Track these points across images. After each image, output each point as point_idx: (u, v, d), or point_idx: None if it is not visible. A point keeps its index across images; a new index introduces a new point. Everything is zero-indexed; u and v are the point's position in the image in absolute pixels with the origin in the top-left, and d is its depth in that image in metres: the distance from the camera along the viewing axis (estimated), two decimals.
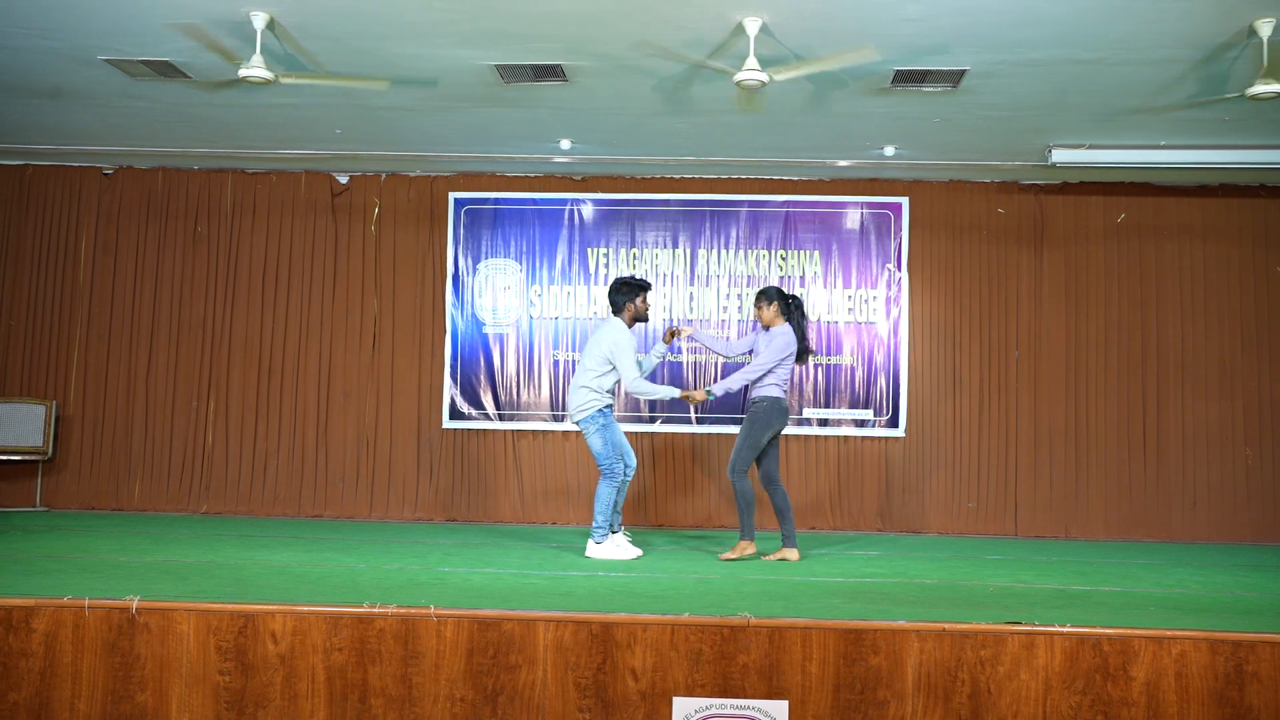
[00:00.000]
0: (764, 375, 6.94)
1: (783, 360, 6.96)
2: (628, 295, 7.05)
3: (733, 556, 6.92)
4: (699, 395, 7.05)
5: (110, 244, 9.76)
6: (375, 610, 4.50)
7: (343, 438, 9.60)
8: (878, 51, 6.55)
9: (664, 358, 7.26)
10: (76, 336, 9.69)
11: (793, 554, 6.98)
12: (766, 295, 7.10)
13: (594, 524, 6.97)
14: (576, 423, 7.02)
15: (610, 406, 7.01)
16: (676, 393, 7.03)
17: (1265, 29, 6.07)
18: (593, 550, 6.95)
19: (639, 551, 7.04)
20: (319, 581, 5.66)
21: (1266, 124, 7.77)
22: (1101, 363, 9.38)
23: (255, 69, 6.45)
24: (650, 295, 7.25)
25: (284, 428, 9.62)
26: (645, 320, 7.18)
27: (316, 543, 7.53)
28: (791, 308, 7.10)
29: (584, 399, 6.95)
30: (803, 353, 7.09)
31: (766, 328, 7.11)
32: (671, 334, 7.23)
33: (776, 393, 6.96)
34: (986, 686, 4.40)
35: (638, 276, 7.26)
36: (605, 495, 6.93)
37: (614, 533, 7.05)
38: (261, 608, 4.53)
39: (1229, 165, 8.43)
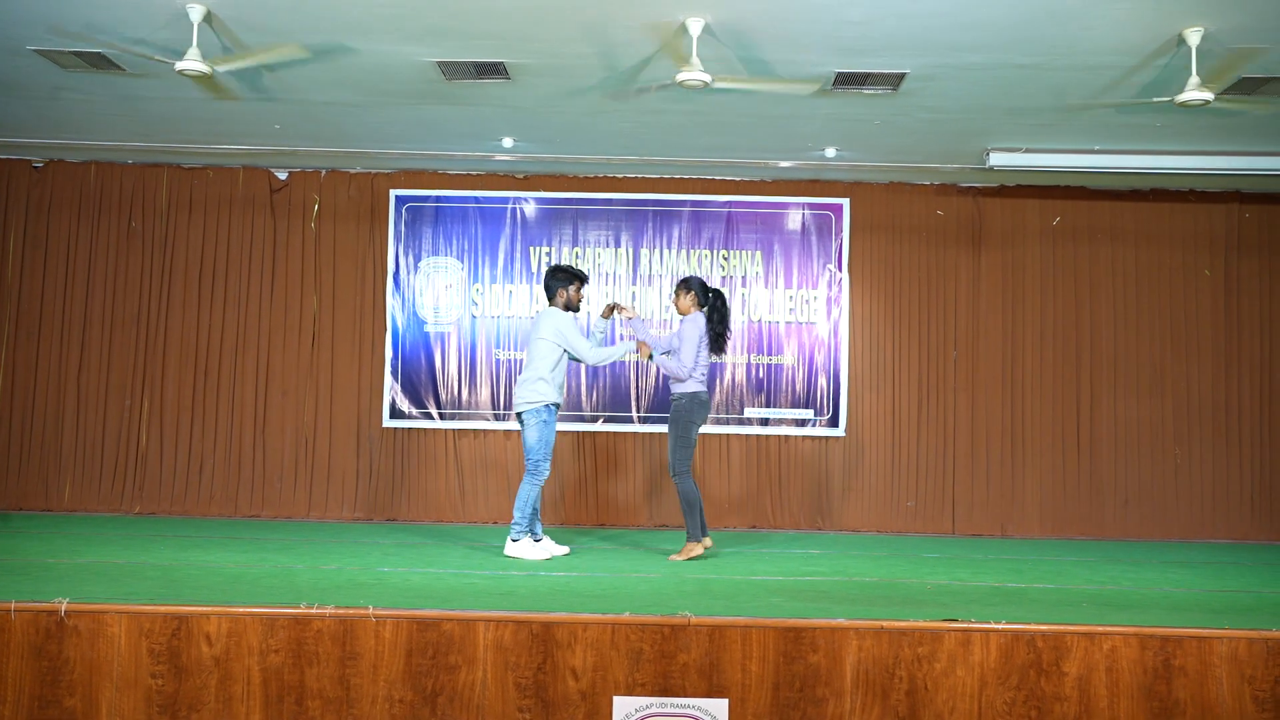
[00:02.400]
0: (678, 362, 6.94)
1: (690, 346, 6.95)
2: (562, 282, 7.08)
3: (681, 558, 6.91)
4: (646, 350, 7.09)
5: (40, 239, 9.54)
6: (313, 611, 4.45)
7: (281, 437, 9.48)
8: (818, 82, 6.63)
9: (605, 332, 7.28)
10: (4, 333, 9.46)
11: (698, 548, 6.96)
12: (686, 284, 7.17)
13: (513, 521, 6.92)
14: (519, 414, 6.92)
15: (557, 405, 6.96)
16: (633, 345, 7.12)
17: (1194, 38, 6.20)
18: (509, 549, 6.89)
19: (554, 552, 6.98)
20: (255, 582, 5.58)
21: (1195, 130, 7.95)
22: (1037, 363, 9.54)
23: (192, 62, 6.34)
24: (585, 289, 7.20)
25: (220, 426, 9.47)
26: (575, 311, 7.14)
27: (253, 543, 7.43)
28: (713, 300, 7.12)
29: (537, 391, 6.86)
30: (718, 341, 7.08)
31: (682, 317, 7.18)
32: (610, 309, 7.15)
33: (696, 387, 6.99)
34: (923, 683, 4.45)
35: (576, 267, 7.23)
36: (525, 493, 6.90)
37: (535, 538, 7.03)
38: (196, 609, 4.47)
39: (1160, 170, 8.60)
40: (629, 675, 4.42)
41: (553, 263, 9.49)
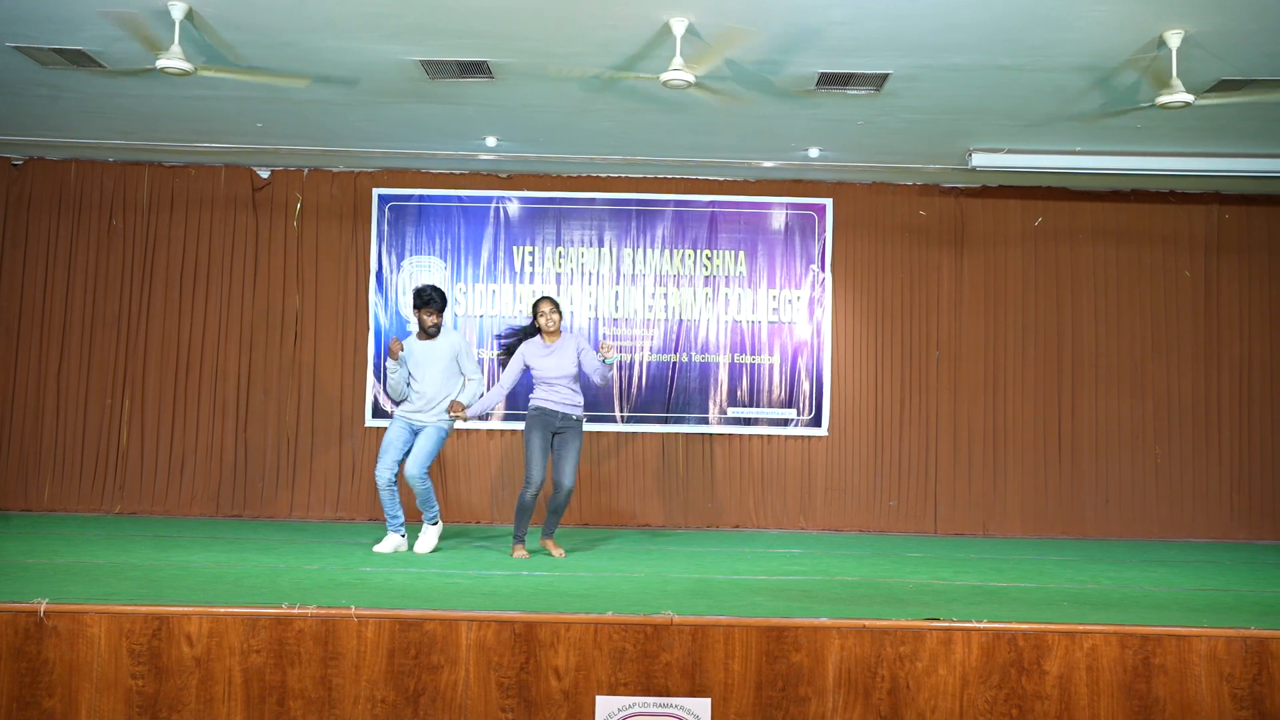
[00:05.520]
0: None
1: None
2: (413, 304, 7.18)
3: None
4: (457, 411, 7.00)
5: (19, 237, 9.48)
6: (294, 611, 4.43)
7: (263, 436, 9.44)
8: (757, 35, 6.47)
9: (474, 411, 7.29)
10: None
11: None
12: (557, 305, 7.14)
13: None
14: None
15: (402, 412, 7.16)
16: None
17: (1174, 40, 6.24)
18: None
19: (388, 546, 7.09)
20: (236, 582, 5.56)
21: (1175, 132, 8.00)
22: (1019, 363, 9.58)
23: (173, 59, 6.30)
24: (431, 310, 7.06)
25: (202, 425, 9.43)
26: (427, 333, 7.12)
27: (235, 543, 7.40)
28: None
29: None
30: None
31: (549, 335, 7.09)
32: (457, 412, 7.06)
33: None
34: (905, 682, 4.47)
35: (430, 289, 7.14)
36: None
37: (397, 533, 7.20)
38: (176, 609, 4.45)
39: (1140, 172, 8.65)
40: (612, 675, 4.42)
41: (535, 262, 9.50)
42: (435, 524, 7.20)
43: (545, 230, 9.58)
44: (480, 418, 7.21)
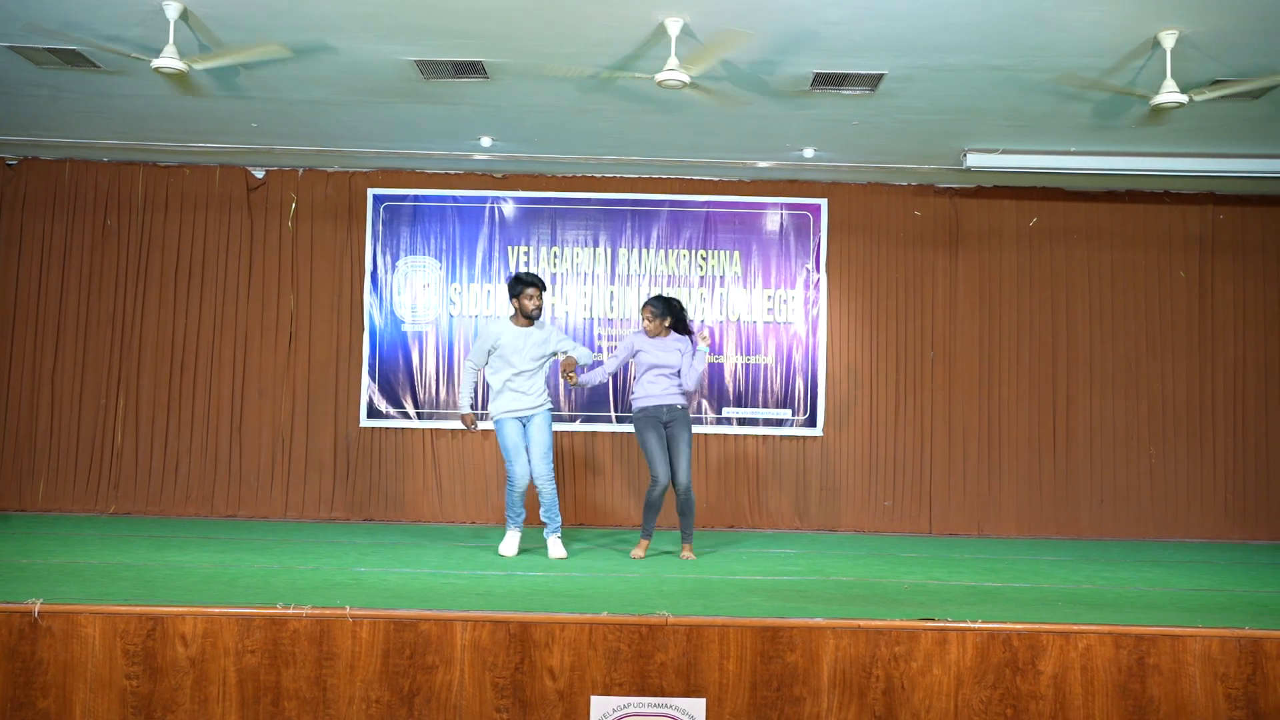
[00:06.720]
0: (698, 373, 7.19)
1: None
2: (511, 291, 7.14)
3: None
4: (571, 375, 7.06)
5: (14, 237, 9.46)
6: (289, 611, 4.43)
7: (257, 436, 9.43)
8: (753, 37, 6.49)
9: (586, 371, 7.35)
10: None
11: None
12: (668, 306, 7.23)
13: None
14: None
15: (504, 411, 7.04)
16: (464, 407, 7.29)
17: (1168, 40, 6.25)
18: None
19: (511, 548, 7.06)
20: (231, 583, 5.56)
21: (1170, 132, 8.01)
22: (1013, 364, 9.59)
23: (168, 60, 6.30)
24: (536, 291, 7.09)
25: (197, 426, 9.41)
26: (530, 317, 7.10)
27: (229, 543, 7.40)
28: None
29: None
30: None
31: (653, 335, 7.17)
32: (568, 373, 7.11)
33: None
34: (900, 682, 4.47)
35: (531, 272, 7.31)
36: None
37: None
38: (171, 610, 4.45)
39: (1135, 172, 8.66)
40: (606, 675, 4.42)
41: (530, 262, 9.50)
42: (560, 529, 7.18)
43: (540, 230, 9.57)
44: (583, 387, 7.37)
